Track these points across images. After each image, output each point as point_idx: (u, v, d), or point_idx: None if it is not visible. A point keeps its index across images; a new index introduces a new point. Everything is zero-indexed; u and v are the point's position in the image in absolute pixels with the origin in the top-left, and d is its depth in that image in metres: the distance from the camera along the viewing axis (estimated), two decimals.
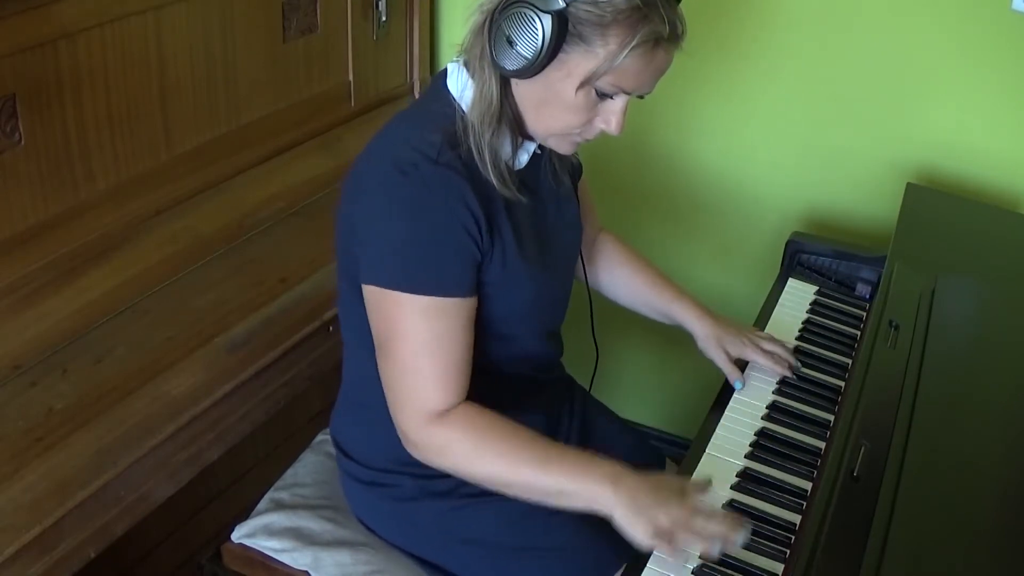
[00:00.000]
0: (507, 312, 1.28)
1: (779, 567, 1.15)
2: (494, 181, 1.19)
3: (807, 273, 1.76)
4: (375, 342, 1.21)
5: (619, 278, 1.58)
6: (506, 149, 1.22)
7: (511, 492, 1.20)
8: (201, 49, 1.61)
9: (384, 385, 1.22)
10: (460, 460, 1.20)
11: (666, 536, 1.10)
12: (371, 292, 1.19)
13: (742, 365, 1.49)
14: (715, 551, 1.11)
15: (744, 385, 1.45)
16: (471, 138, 1.18)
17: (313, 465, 1.53)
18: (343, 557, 1.36)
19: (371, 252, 1.19)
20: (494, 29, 1.12)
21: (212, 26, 1.62)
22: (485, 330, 1.26)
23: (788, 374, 1.47)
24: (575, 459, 1.18)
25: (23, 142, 1.35)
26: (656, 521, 1.11)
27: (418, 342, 1.17)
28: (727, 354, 1.48)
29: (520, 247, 1.24)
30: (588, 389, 1.61)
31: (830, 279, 1.75)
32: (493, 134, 1.19)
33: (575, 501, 1.17)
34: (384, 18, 1.98)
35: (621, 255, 1.58)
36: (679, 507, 1.12)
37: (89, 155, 1.46)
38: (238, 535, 1.41)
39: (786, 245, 1.77)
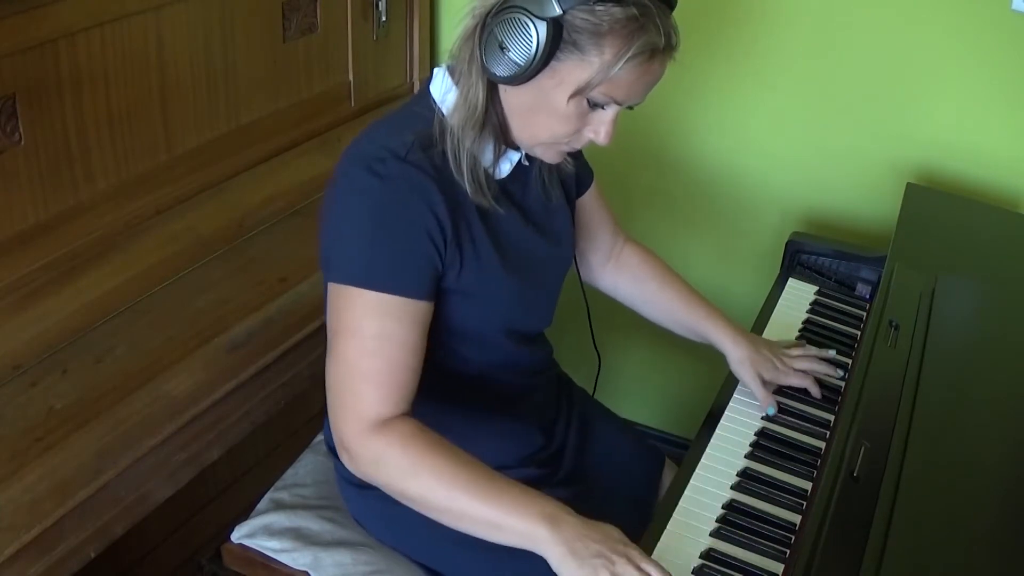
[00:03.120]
0: (486, 320, 1.27)
1: (779, 567, 1.15)
2: (468, 188, 1.17)
3: (807, 273, 1.76)
4: (327, 340, 1.18)
5: (648, 293, 1.54)
6: (487, 156, 1.20)
7: (442, 518, 1.13)
8: (201, 49, 1.61)
9: (327, 386, 1.17)
10: (394, 476, 1.12)
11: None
12: (331, 289, 1.17)
13: None
14: None
15: (776, 411, 1.41)
16: (448, 142, 1.16)
17: (313, 465, 1.53)
18: (343, 557, 1.36)
19: (334, 248, 1.17)
20: (485, 34, 1.11)
21: (212, 26, 1.62)
22: (460, 335, 1.26)
23: (817, 394, 1.44)
24: (514, 493, 1.10)
25: (23, 142, 1.35)
26: (598, 559, 1.04)
27: (365, 340, 1.13)
28: (761, 379, 1.43)
29: (498, 255, 1.22)
30: (592, 393, 1.60)
31: (830, 279, 1.75)
32: (474, 140, 1.17)
33: (508, 536, 1.09)
34: (384, 18, 1.98)
35: (650, 269, 1.54)
36: (623, 547, 1.06)
37: (89, 155, 1.46)
38: (238, 535, 1.41)
39: (786, 245, 1.77)
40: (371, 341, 1.13)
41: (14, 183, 1.36)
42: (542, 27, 1.07)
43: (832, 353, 1.49)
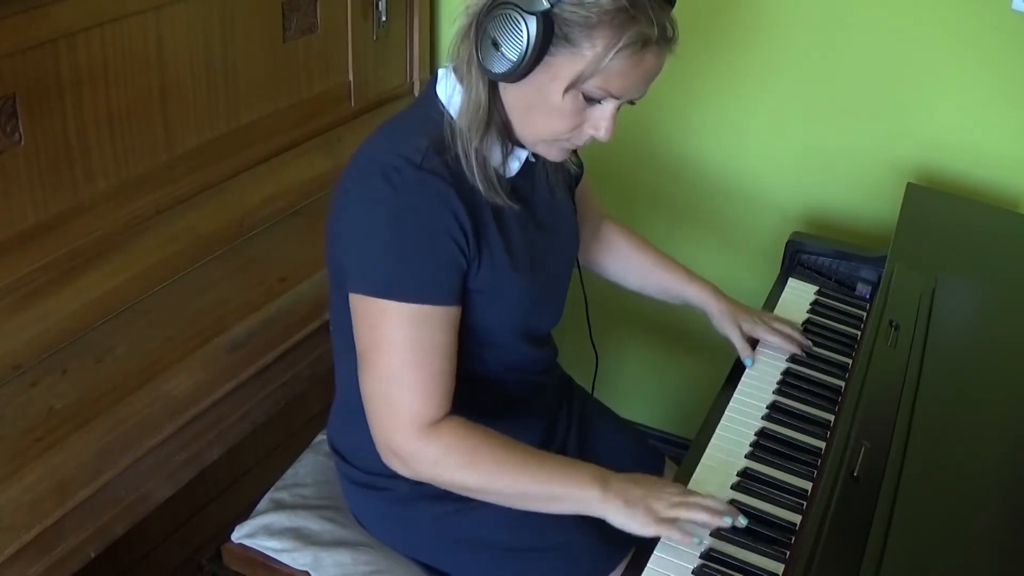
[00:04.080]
0: (498, 319, 1.27)
1: (779, 567, 1.15)
2: (481, 188, 1.18)
3: (807, 273, 1.76)
4: (358, 352, 1.19)
5: (629, 264, 1.60)
6: (495, 156, 1.21)
7: (503, 501, 1.20)
8: (201, 49, 1.61)
9: (365, 397, 1.19)
10: (455, 472, 1.18)
11: (667, 520, 1.14)
12: (356, 300, 1.18)
13: (753, 345, 1.53)
14: (722, 521, 1.15)
15: (754, 362, 1.49)
16: (459, 144, 1.17)
17: (313, 465, 1.53)
18: (343, 557, 1.37)
19: (356, 260, 1.17)
20: (480, 32, 1.11)
21: (212, 26, 1.62)
22: (477, 337, 1.26)
23: (798, 351, 1.52)
24: (563, 464, 1.20)
25: (23, 142, 1.35)
26: (653, 507, 1.15)
27: (403, 351, 1.15)
28: (740, 331, 1.51)
29: (510, 255, 1.23)
30: (591, 392, 1.61)
31: (830, 279, 1.75)
32: (482, 140, 1.17)
33: (567, 505, 1.18)
34: (384, 18, 1.98)
35: (628, 242, 1.60)
36: (672, 490, 1.18)
37: (89, 155, 1.46)
38: (238, 535, 1.41)
39: (786, 245, 1.77)
40: (409, 352, 1.15)
41: (14, 183, 1.36)
42: (532, 21, 1.07)
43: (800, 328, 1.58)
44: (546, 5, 1.07)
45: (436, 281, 1.16)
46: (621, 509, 1.16)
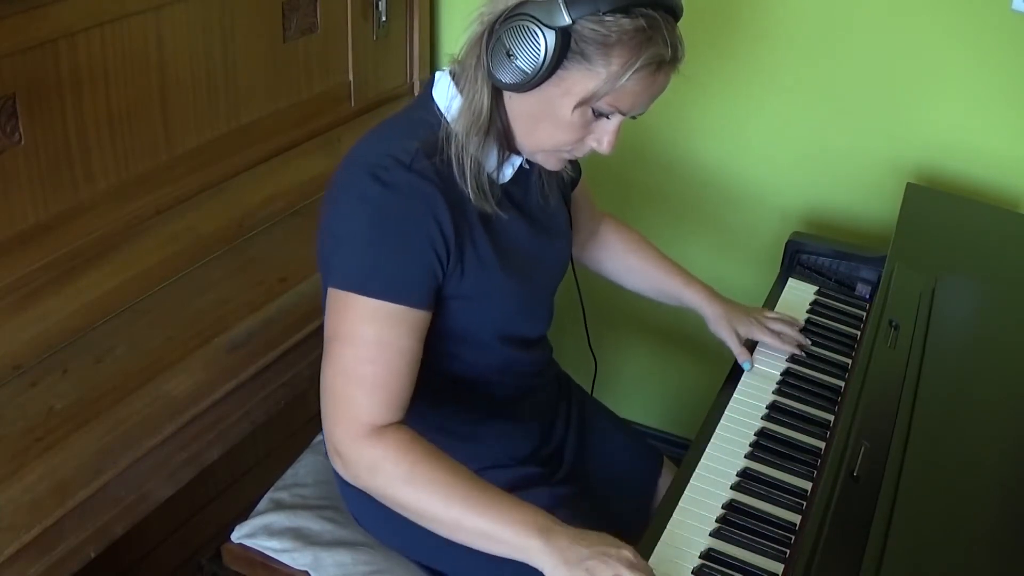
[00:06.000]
0: (487, 324, 1.27)
1: (779, 567, 1.15)
2: (471, 194, 1.17)
3: (807, 273, 1.76)
4: (324, 344, 1.18)
5: (626, 265, 1.60)
6: (491, 162, 1.20)
7: (434, 527, 1.13)
8: (201, 49, 1.61)
9: (321, 390, 1.17)
10: (389, 484, 1.13)
11: None
12: (330, 294, 1.17)
13: (751, 347, 1.52)
14: None
15: (752, 366, 1.48)
16: (452, 148, 1.16)
17: (313, 465, 1.53)
18: (343, 557, 1.37)
19: (335, 254, 1.17)
20: (493, 40, 1.11)
21: (212, 26, 1.62)
22: (462, 340, 1.26)
23: (796, 351, 1.51)
24: (507, 503, 1.11)
25: (23, 142, 1.35)
26: (595, 572, 1.04)
27: (363, 347, 1.13)
28: (737, 335, 1.51)
29: (500, 260, 1.22)
30: (590, 393, 1.61)
31: (830, 279, 1.75)
32: (478, 146, 1.17)
33: (500, 547, 1.10)
34: (384, 18, 1.98)
35: (626, 242, 1.60)
36: (617, 553, 1.06)
37: (89, 155, 1.46)
38: (238, 535, 1.41)
39: (786, 245, 1.77)
40: (368, 348, 1.13)
41: (14, 183, 1.36)
42: (551, 36, 1.07)
43: (802, 323, 1.58)
44: (567, 21, 1.06)
45: (409, 282, 1.15)
46: (559, 567, 1.06)
